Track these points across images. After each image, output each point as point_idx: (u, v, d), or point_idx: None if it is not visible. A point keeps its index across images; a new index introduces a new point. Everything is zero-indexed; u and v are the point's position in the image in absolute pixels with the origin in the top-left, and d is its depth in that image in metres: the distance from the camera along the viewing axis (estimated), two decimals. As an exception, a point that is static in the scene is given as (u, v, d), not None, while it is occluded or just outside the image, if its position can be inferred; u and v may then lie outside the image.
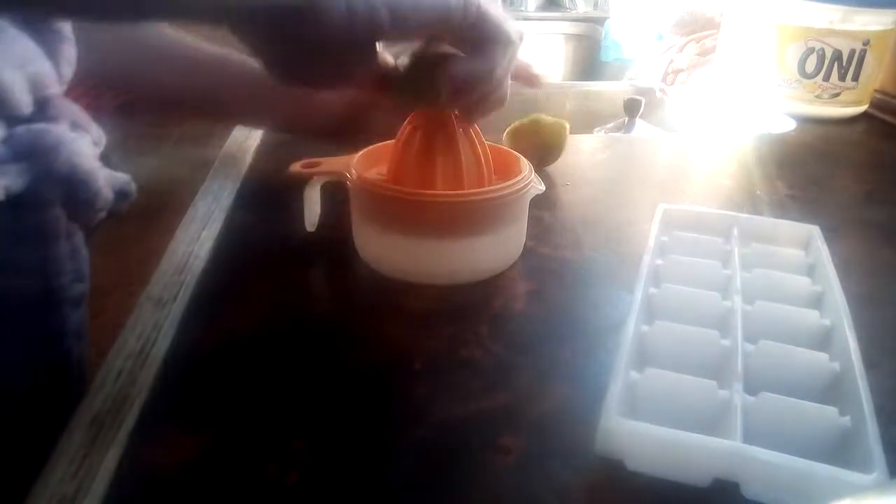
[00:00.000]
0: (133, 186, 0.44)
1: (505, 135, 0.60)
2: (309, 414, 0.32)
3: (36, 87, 0.37)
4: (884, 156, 0.74)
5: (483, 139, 0.43)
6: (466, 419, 0.32)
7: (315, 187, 0.47)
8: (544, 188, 0.45)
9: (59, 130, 0.38)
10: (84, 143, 0.39)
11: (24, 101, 0.36)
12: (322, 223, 0.47)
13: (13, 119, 0.36)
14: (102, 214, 0.42)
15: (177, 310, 0.40)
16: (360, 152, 0.46)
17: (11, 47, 0.35)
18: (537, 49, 1.54)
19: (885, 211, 0.57)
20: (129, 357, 0.35)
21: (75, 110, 0.40)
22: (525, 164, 0.45)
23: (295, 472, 0.29)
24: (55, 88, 0.39)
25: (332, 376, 0.35)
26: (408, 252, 0.43)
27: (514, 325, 0.39)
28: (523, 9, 1.58)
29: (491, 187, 0.42)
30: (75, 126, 0.40)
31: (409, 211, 0.42)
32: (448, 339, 0.38)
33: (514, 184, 0.42)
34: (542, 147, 0.59)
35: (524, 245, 0.47)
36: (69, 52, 0.39)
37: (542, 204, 0.54)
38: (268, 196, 0.56)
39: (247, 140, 0.68)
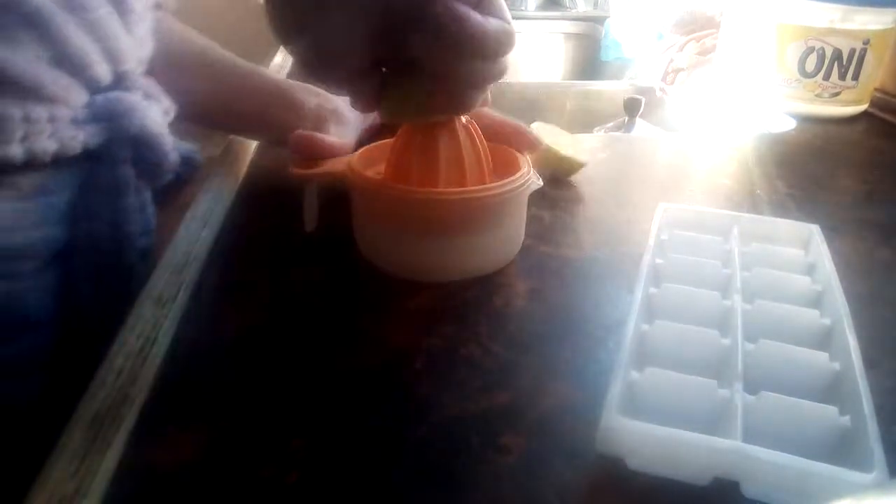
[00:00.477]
0: (199, 156, 0.51)
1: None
2: (308, 413, 0.32)
3: (116, 61, 0.43)
4: (884, 155, 0.74)
5: (482, 136, 0.44)
6: (467, 418, 0.32)
7: (314, 188, 0.46)
8: (542, 183, 0.45)
9: (133, 98, 0.44)
10: (155, 111, 0.45)
11: (105, 73, 0.42)
12: (322, 222, 0.47)
13: (95, 88, 0.42)
14: (169, 176, 0.48)
15: (177, 309, 0.40)
16: (359, 151, 0.47)
17: (102, 25, 0.41)
18: (537, 48, 1.53)
19: (886, 210, 0.57)
20: (129, 356, 0.35)
21: (149, 83, 0.46)
22: (524, 161, 0.45)
23: (294, 472, 0.29)
24: (132, 64, 0.45)
25: (332, 375, 0.35)
26: (409, 249, 0.43)
27: (514, 324, 0.39)
28: (523, 8, 1.57)
29: (492, 185, 0.42)
30: (147, 96, 0.46)
31: (409, 208, 0.42)
32: (448, 338, 0.38)
33: (514, 180, 0.42)
34: (551, 173, 0.59)
35: (523, 244, 0.47)
36: (146, 33, 0.47)
37: (543, 203, 0.54)
38: (268, 195, 0.56)
39: (247, 139, 0.68)
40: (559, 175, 0.60)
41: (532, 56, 1.54)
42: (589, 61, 1.50)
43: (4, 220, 0.39)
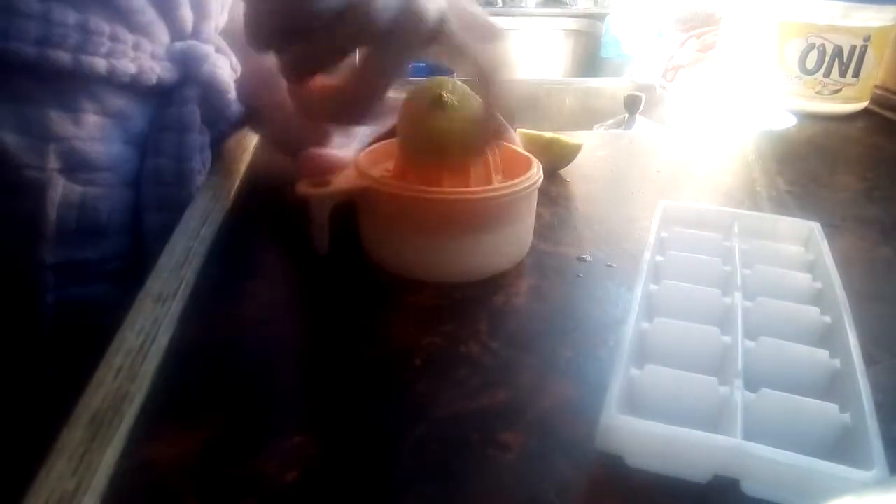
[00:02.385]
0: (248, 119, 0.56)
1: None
2: (308, 410, 0.32)
3: (200, 14, 0.50)
4: (884, 152, 0.74)
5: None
6: (467, 416, 0.32)
7: (326, 208, 0.43)
8: (542, 176, 0.45)
9: (208, 49, 0.50)
10: (224, 63, 0.51)
11: (188, 21, 0.49)
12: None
13: (176, 32, 0.48)
14: (228, 128, 0.54)
15: (176, 306, 0.40)
16: (365, 150, 0.46)
17: None
18: (537, 45, 1.53)
19: (886, 207, 0.57)
20: (129, 353, 0.35)
21: (220, 40, 0.52)
22: (534, 162, 0.45)
23: (295, 469, 0.29)
24: (212, 21, 0.51)
25: (332, 372, 0.35)
26: (419, 250, 0.42)
27: (514, 321, 0.39)
28: (523, 5, 1.57)
29: (503, 184, 0.42)
30: (220, 50, 0.51)
31: (421, 209, 0.41)
32: (448, 335, 0.38)
33: (525, 180, 0.42)
34: (550, 163, 0.59)
35: (524, 241, 0.47)
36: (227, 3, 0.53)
37: (543, 201, 0.54)
38: (268, 192, 0.56)
39: (246, 137, 0.68)
40: (557, 165, 0.60)
41: (532, 53, 1.54)
42: (589, 58, 1.50)
43: (90, 131, 0.45)
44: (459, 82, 0.42)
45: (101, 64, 0.43)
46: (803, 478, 0.26)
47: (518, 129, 0.58)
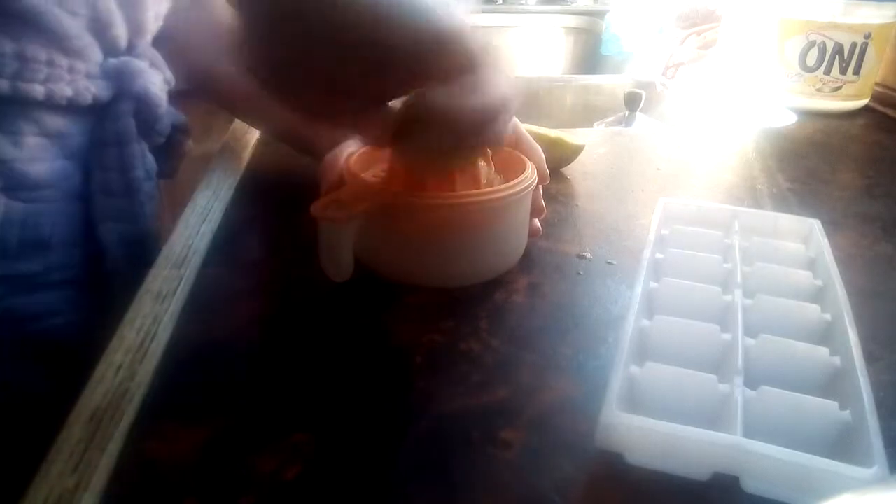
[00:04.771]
0: (188, 127, 0.58)
1: None
2: (309, 408, 0.32)
3: (136, 31, 0.51)
4: (885, 149, 0.74)
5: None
6: (466, 413, 0.32)
7: (347, 231, 0.38)
8: (536, 179, 0.45)
9: (141, 65, 0.51)
10: (157, 79, 0.52)
11: (123, 40, 0.50)
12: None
13: (110, 51, 0.49)
14: (161, 139, 0.55)
15: (176, 304, 0.40)
16: (357, 152, 0.45)
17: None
18: (537, 43, 1.53)
19: (886, 204, 0.57)
20: (129, 351, 0.35)
21: (155, 54, 0.54)
22: (528, 163, 0.44)
23: (294, 466, 0.29)
24: (147, 37, 0.53)
25: (332, 370, 0.35)
26: (411, 255, 0.42)
27: (514, 319, 0.39)
28: (524, 2, 1.57)
29: (498, 187, 0.41)
30: (153, 65, 0.53)
31: (414, 214, 0.40)
32: (448, 332, 0.38)
33: (519, 182, 0.41)
34: (551, 161, 0.59)
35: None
36: (161, 8, 0.54)
37: (543, 198, 0.53)
38: (267, 190, 0.56)
39: (246, 134, 0.68)
40: (558, 164, 0.60)
41: (532, 50, 1.54)
42: (589, 55, 1.50)
43: (28, 151, 0.45)
44: None
45: (38, 90, 0.44)
46: (803, 475, 0.26)
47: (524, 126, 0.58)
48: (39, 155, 0.46)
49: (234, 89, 0.59)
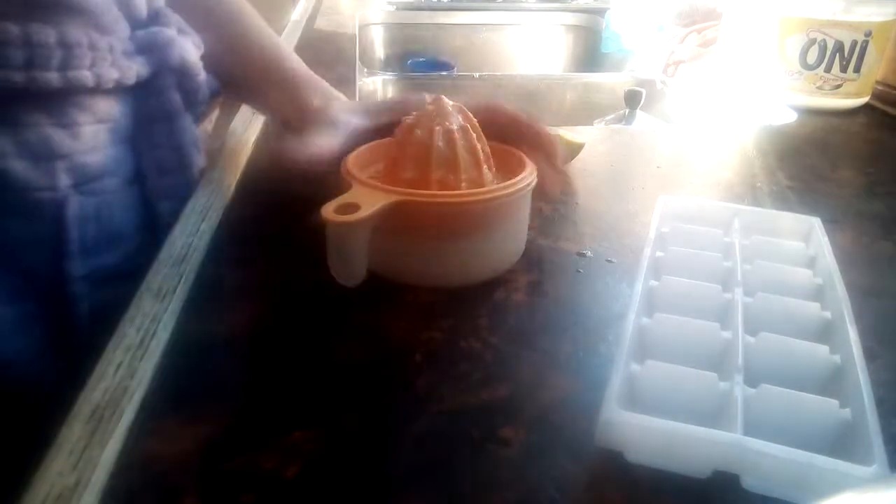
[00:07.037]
0: (217, 85, 0.56)
1: None
2: (308, 406, 0.32)
3: None
4: (885, 147, 0.74)
5: (483, 137, 0.43)
6: (467, 411, 0.32)
7: (361, 234, 0.37)
8: (536, 178, 0.45)
9: (170, 33, 0.49)
10: (189, 45, 0.51)
11: (142, 7, 0.49)
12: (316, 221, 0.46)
13: (134, 21, 0.48)
14: (204, 108, 0.54)
15: (176, 302, 0.40)
16: (354, 152, 0.45)
17: None
18: (537, 41, 1.53)
19: (887, 202, 0.57)
20: (129, 349, 0.35)
21: (179, 19, 0.52)
22: (527, 161, 0.44)
23: (295, 464, 0.29)
24: (163, 1, 0.51)
25: (332, 368, 0.35)
26: (412, 254, 0.42)
27: (514, 316, 0.39)
28: (523, 0, 1.56)
29: (498, 185, 0.41)
30: (181, 31, 0.51)
31: (415, 213, 0.40)
32: (448, 330, 0.38)
33: (520, 181, 0.41)
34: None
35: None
36: None
37: (543, 196, 0.53)
38: (267, 188, 0.56)
39: (246, 132, 0.68)
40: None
41: (532, 48, 1.54)
42: (589, 53, 1.49)
43: (86, 142, 0.45)
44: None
45: (87, 76, 0.43)
46: (803, 473, 0.26)
47: None
48: (96, 144, 0.46)
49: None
